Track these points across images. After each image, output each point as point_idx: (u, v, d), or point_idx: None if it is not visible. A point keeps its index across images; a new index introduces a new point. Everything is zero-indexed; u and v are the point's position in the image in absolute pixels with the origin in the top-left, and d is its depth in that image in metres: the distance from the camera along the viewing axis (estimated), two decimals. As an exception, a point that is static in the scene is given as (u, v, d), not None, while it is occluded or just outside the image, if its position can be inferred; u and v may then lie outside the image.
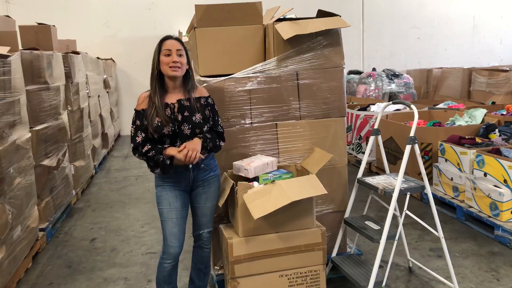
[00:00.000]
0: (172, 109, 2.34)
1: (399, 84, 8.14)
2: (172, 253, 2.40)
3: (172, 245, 2.39)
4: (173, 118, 2.32)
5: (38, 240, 3.70)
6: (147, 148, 2.30)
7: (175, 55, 2.30)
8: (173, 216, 2.39)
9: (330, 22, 2.84)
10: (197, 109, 2.36)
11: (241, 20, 2.87)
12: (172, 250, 2.40)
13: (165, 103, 2.34)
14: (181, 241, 2.42)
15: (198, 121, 2.35)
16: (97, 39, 9.70)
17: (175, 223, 2.39)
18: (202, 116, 2.37)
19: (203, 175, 2.44)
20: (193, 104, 2.36)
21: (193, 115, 2.35)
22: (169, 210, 2.39)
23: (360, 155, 6.12)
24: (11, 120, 3.28)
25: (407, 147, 2.62)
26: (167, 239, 2.40)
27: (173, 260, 2.42)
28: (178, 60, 2.30)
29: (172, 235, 2.39)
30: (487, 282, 2.95)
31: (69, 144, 4.95)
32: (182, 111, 2.34)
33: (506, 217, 3.53)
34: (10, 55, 3.34)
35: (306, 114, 2.96)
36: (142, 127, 2.32)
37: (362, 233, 2.72)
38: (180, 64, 2.30)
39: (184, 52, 2.34)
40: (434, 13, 11.38)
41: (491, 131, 4.51)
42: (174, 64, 2.29)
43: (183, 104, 2.35)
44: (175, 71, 2.30)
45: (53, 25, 5.09)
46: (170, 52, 2.30)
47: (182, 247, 2.43)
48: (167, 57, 2.30)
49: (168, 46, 2.31)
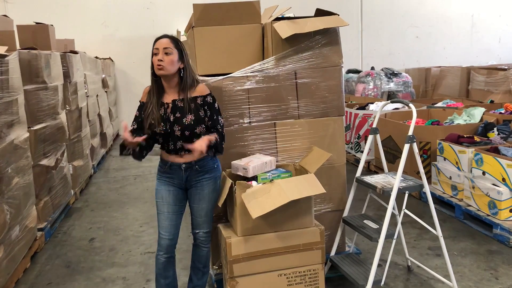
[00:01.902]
0: (165, 109, 2.36)
1: (397, 83, 8.15)
2: (162, 245, 2.46)
3: (162, 236, 2.46)
4: (166, 118, 2.35)
5: (36, 240, 3.69)
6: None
7: (161, 54, 2.30)
8: (164, 210, 2.46)
9: (329, 21, 2.83)
10: (189, 110, 2.35)
11: (239, 19, 2.87)
12: (162, 241, 2.46)
13: (161, 102, 2.37)
14: (172, 234, 2.46)
15: (188, 123, 2.35)
16: (96, 38, 9.67)
17: (166, 216, 2.46)
18: (195, 118, 2.36)
19: (196, 176, 2.44)
20: (186, 105, 2.35)
21: (184, 116, 2.35)
22: (162, 203, 2.47)
23: (358, 154, 6.12)
24: (9, 120, 3.27)
25: (406, 146, 2.62)
26: (159, 231, 2.48)
27: (166, 252, 2.46)
28: (163, 59, 2.29)
29: (163, 228, 2.46)
30: (486, 281, 2.95)
31: (67, 144, 4.94)
32: (175, 112, 2.35)
33: (505, 216, 3.53)
34: (8, 55, 3.33)
35: (305, 113, 2.95)
36: (138, 119, 2.43)
37: (361, 232, 2.73)
38: (165, 62, 2.28)
39: (172, 50, 2.31)
40: (433, 12, 11.38)
41: (490, 129, 4.51)
42: (158, 63, 2.30)
43: (176, 104, 2.37)
44: (159, 69, 2.30)
45: (51, 25, 5.08)
46: (157, 51, 2.31)
47: (174, 240, 2.48)
48: (155, 56, 2.32)
49: (156, 45, 2.33)
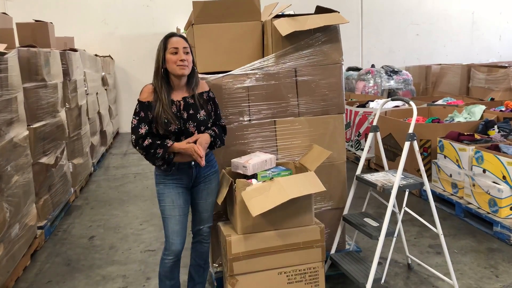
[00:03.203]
0: (178, 106, 2.33)
1: (398, 80, 8.13)
2: (174, 250, 2.40)
3: (175, 242, 2.39)
4: (179, 116, 2.32)
5: (36, 238, 3.69)
6: (147, 142, 2.26)
7: (182, 53, 2.28)
8: (176, 213, 2.39)
9: (329, 18, 2.82)
10: (200, 106, 2.37)
11: (239, 16, 2.86)
12: (174, 247, 2.39)
13: (171, 100, 2.33)
14: (183, 237, 2.43)
15: (203, 118, 2.36)
16: (95, 36, 9.66)
17: (178, 220, 2.39)
18: (206, 113, 2.39)
19: (204, 171, 2.45)
20: (197, 101, 2.37)
21: (197, 112, 2.35)
22: (172, 207, 2.39)
23: (359, 152, 6.11)
24: (8, 118, 3.26)
25: (406, 144, 2.61)
26: (169, 236, 2.39)
27: (175, 257, 2.43)
28: (186, 58, 2.28)
29: (175, 233, 2.39)
30: (486, 279, 2.95)
31: (67, 142, 4.94)
32: (188, 109, 2.34)
33: (505, 214, 3.53)
34: (7, 53, 3.31)
35: (305, 111, 2.95)
36: (147, 120, 2.29)
37: (361, 230, 2.72)
38: (187, 62, 2.29)
39: (189, 50, 2.33)
40: (433, 9, 11.36)
41: (490, 127, 4.51)
42: (182, 63, 2.27)
43: (188, 101, 2.35)
44: (183, 69, 2.29)
45: (50, 22, 5.07)
46: (177, 50, 2.27)
47: (184, 243, 2.44)
48: (174, 55, 2.27)
49: (174, 44, 2.28)
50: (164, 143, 2.27)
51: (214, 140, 2.40)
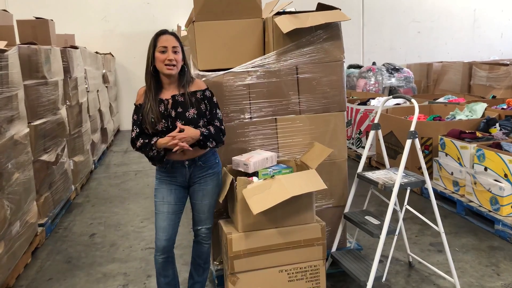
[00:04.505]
0: (165, 105, 2.32)
1: (399, 78, 8.11)
2: (159, 246, 2.41)
3: (159, 237, 2.41)
4: (167, 115, 2.31)
5: (37, 235, 3.69)
6: (139, 143, 2.34)
7: (171, 53, 2.26)
8: (164, 210, 2.41)
9: (330, 15, 2.81)
10: (191, 104, 2.33)
11: (240, 13, 2.85)
12: (159, 243, 2.41)
13: (159, 99, 2.32)
14: (170, 235, 2.42)
15: (192, 116, 2.33)
16: (96, 33, 9.65)
17: (165, 216, 2.40)
18: (197, 111, 2.34)
19: (200, 172, 2.43)
20: (187, 100, 2.33)
21: (186, 110, 2.32)
22: (162, 203, 2.41)
23: (360, 149, 6.10)
24: (9, 115, 3.26)
25: (407, 142, 2.61)
26: (156, 232, 2.43)
27: (162, 253, 2.42)
28: (174, 58, 2.26)
29: (161, 229, 2.40)
30: (487, 277, 2.95)
31: (68, 139, 4.93)
32: (176, 107, 2.32)
33: (507, 212, 3.52)
34: (8, 50, 3.31)
35: (306, 108, 2.94)
36: (138, 122, 2.35)
37: (362, 228, 2.72)
38: (175, 61, 2.27)
39: (179, 49, 2.30)
40: (435, 6, 11.32)
41: (492, 125, 4.50)
42: (169, 63, 2.26)
43: (177, 99, 2.33)
44: (171, 69, 2.27)
45: (51, 20, 5.06)
46: (165, 49, 2.26)
47: (171, 241, 2.43)
48: (163, 54, 2.26)
49: (163, 43, 2.26)
50: (151, 142, 2.30)
51: (206, 139, 2.32)
